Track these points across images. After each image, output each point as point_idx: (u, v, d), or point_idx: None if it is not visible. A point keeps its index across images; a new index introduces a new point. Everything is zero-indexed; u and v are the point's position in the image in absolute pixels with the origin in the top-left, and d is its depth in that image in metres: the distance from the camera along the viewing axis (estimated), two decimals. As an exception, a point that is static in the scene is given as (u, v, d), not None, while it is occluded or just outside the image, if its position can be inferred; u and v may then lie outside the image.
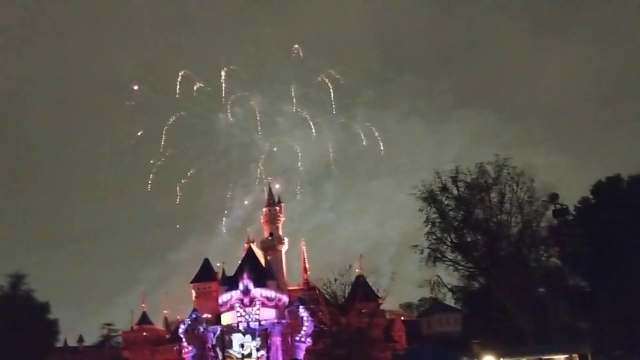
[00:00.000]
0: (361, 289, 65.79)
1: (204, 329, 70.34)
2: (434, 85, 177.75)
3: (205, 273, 79.62)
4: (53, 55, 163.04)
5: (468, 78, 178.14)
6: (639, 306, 39.54)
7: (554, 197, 38.29)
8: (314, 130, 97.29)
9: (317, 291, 66.24)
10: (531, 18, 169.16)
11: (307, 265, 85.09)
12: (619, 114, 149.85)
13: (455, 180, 42.54)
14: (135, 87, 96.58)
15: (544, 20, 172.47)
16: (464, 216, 42.60)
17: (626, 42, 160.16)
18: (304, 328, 68.74)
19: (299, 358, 67.95)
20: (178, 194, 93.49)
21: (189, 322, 71.84)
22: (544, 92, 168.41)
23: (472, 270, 44.75)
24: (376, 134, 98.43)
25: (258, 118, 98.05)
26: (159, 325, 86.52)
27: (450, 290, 49.28)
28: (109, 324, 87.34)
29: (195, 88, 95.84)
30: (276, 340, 69.05)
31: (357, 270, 71.61)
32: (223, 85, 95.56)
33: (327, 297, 62.92)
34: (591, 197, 51.36)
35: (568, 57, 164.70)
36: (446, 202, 43.09)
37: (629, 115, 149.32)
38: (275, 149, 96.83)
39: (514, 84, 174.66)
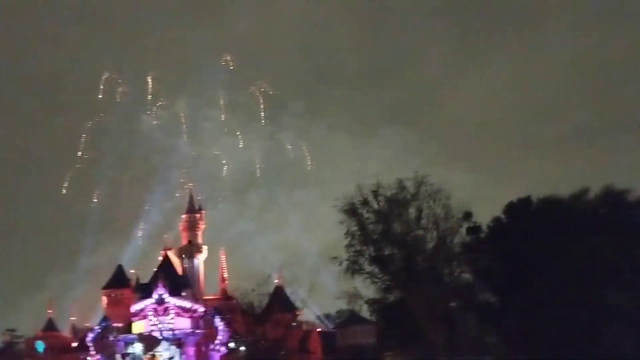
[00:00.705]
0: (279, 300, 65.60)
1: (114, 337, 67.81)
2: (361, 101, 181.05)
3: (118, 280, 76.94)
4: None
5: (394, 95, 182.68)
6: (542, 322, 41.55)
7: (468, 215, 39.78)
8: (241, 139, 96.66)
9: (235, 301, 65.47)
10: (455, 42, 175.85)
11: (225, 275, 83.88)
12: (531, 139, 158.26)
13: (376, 194, 43.36)
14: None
15: (467, 45, 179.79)
16: (383, 230, 43.45)
17: (540, 72, 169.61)
18: (219, 338, 67.65)
19: (212, 368, 66.81)
20: (94, 197, 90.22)
21: (99, 330, 69.11)
22: (464, 114, 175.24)
23: (388, 283, 45.60)
24: (303, 146, 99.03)
25: (183, 123, 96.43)
26: (67, 333, 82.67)
27: (367, 302, 49.98)
28: (11, 330, 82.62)
29: (119, 90, 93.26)
30: (189, 350, 67.53)
31: (276, 281, 71.38)
32: (149, 88, 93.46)
33: (244, 307, 62.30)
34: (503, 216, 53.68)
35: (487, 82, 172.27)
36: (367, 216, 43.85)
37: (540, 140, 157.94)
38: (199, 156, 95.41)
39: (436, 104, 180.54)
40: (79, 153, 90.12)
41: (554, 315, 40.77)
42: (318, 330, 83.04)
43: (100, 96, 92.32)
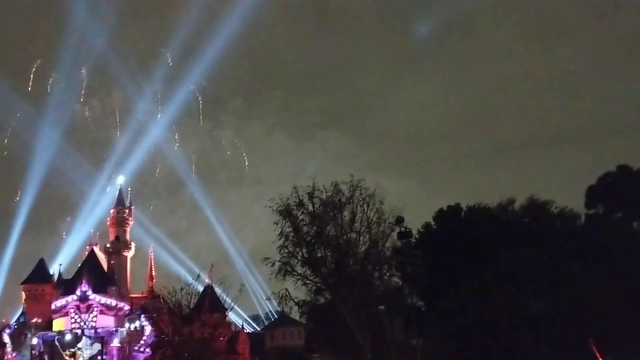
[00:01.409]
0: (208, 300, 64.65)
1: (32, 334, 64.98)
2: (301, 103, 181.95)
3: (39, 274, 73.64)
4: None
5: (333, 100, 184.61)
6: (465, 327, 42.87)
7: (399, 220, 40.43)
8: (176, 135, 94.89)
9: (162, 300, 64.01)
10: (394, 51, 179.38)
11: (153, 273, 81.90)
12: (461, 150, 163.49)
13: (311, 196, 43.40)
14: None
15: (405, 56, 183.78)
16: (317, 232, 43.53)
17: (472, 86, 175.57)
18: (144, 338, 65.97)
19: (136, 368, 65.09)
20: (18, 189, 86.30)
21: (16, 326, 66.05)
22: (400, 122, 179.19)
23: (319, 285, 45.76)
24: (240, 145, 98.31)
25: (117, 116, 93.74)
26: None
27: (297, 304, 49.96)
28: None
29: (50, 80, 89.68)
30: (113, 349, 65.56)
31: (206, 280, 70.35)
32: (83, 79, 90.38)
33: (171, 306, 60.98)
34: (433, 222, 55.13)
35: (422, 93, 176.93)
36: (301, 217, 43.80)
37: (469, 151, 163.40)
38: (132, 150, 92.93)
39: (373, 111, 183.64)
40: (5, 141, 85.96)
41: (477, 320, 42.18)
42: (246, 331, 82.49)
43: (30, 87, 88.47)
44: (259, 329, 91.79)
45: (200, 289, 65.98)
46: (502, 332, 41.74)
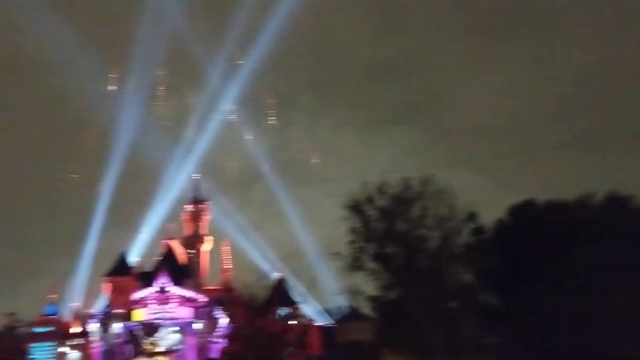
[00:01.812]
0: (280, 293, 65.78)
1: (115, 324, 68.24)
2: (370, 98, 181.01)
3: (121, 267, 77.02)
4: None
5: (402, 95, 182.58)
6: (542, 325, 41.60)
7: (472, 216, 39.81)
8: (249, 133, 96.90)
9: (236, 293, 65.68)
10: (466, 45, 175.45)
11: (227, 266, 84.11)
12: (536, 144, 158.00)
13: (381, 192, 43.36)
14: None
15: (475, 47, 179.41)
16: (386, 228, 43.47)
17: (547, 78, 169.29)
18: (219, 329, 67.96)
19: (212, 358, 67.05)
20: (99, 184, 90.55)
21: (100, 317, 69.47)
22: (471, 116, 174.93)
23: (389, 280, 45.65)
24: (310, 142, 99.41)
25: (193, 115, 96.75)
26: (69, 318, 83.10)
27: (367, 299, 50.02)
28: (11, 314, 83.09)
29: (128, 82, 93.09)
30: (190, 339, 67.87)
31: (277, 274, 71.56)
32: (159, 80, 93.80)
33: (245, 299, 62.49)
34: (507, 219, 53.64)
35: (495, 86, 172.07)
36: (370, 213, 43.83)
37: (544, 145, 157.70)
38: (207, 148, 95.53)
39: (444, 104, 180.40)
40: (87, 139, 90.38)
41: (554, 319, 40.84)
42: (317, 325, 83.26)
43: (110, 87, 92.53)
44: (330, 323, 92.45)
45: (273, 282, 67.23)
46: (582, 331, 40.29)
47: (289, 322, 64.24)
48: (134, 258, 78.13)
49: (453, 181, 43.05)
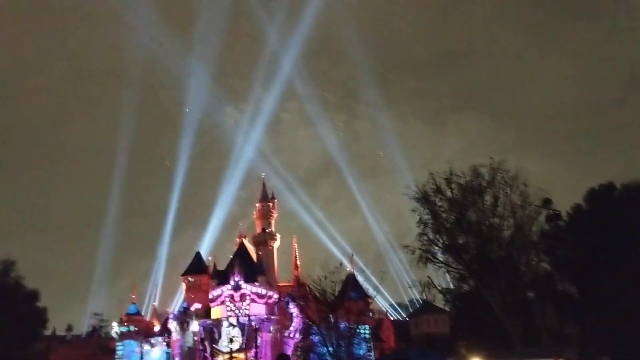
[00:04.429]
0: (351, 288, 65.86)
1: (193, 321, 70.22)
2: (434, 88, 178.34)
3: (197, 266, 79.39)
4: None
5: (466, 82, 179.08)
6: (626, 314, 39.78)
7: (547, 203, 38.54)
8: (315, 129, 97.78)
9: (307, 288, 66.21)
10: (527, 26, 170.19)
11: (297, 262, 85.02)
12: (612, 123, 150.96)
13: (449, 182, 42.64)
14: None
15: (540, 29, 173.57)
16: (457, 218, 42.71)
17: (620, 53, 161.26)
18: (293, 324, 68.79)
19: (287, 354, 67.96)
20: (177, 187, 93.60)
21: (178, 315, 71.70)
22: (540, 99, 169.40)
23: (462, 272, 44.88)
24: (375, 135, 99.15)
25: (261, 115, 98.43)
26: (148, 317, 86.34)
27: (440, 291, 49.41)
28: (97, 314, 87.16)
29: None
30: (265, 335, 69.03)
31: (347, 269, 71.73)
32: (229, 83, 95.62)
33: (317, 294, 62.92)
34: (584, 204, 51.50)
35: (563, 66, 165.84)
36: (439, 204, 43.19)
37: (622, 124, 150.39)
38: (275, 146, 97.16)
39: (510, 89, 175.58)
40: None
41: (636, 308, 38.99)
42: (391, 318, 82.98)
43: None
44: (403, 316, 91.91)
45: (343, 276, 67.44)
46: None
47: (362, 316, 64.22)
48: (209, 257, 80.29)
49: (524, 166, 41.77)
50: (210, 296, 72.97)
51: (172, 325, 71.48)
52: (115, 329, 76.94)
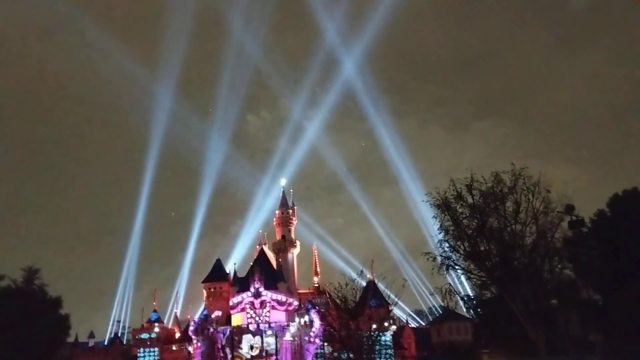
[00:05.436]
0: (371, 295, 65.69)
1: (214, 328, 70.55)
2: (455, 95, 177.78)
3: (217, 273, 79.95)
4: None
5: (487, 88, 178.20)
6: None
7: (570, 209, 38.03)
8: (336, 136, 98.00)
9: (327, 295, 66.19)
10: (549, 32, 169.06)
11: (317, 269, 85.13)
12: (636, 129, 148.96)
13: (470, 188, 42.30)
14: None
15: (562, 35, 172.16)
16: (478, 225, 42.32)
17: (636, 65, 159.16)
18: (313, 329, 68.75)
19: (307, 361, 67.95)
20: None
21: (199, 322, 72.10)
22: (562, 104, 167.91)
23: (484, 279, 44.47)
24: (396, 142, 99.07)
25: (284, 124, 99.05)
26: (169, 324, 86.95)
27: (462, 298, 48.98)
28: (118, 321, 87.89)
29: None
30: (285, 342, 69.10)
31: (368, 276, 71.55)
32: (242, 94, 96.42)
33: (337, 301, 62.81)
34: (607, 210, 50.85)
35: (585, 71, 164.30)
36: (460, 210, 42.85)
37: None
38: (292, 154, 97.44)
39: (531, 95, 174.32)
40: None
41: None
42: (411, 326, 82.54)
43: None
44: (423, 324, 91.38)
45: (363, 284, 67.25)
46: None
47: (382, 324, 63.97)
48: (230, 264, 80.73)
49: (546, 172, 41.30)
50: (230, 303, 73.32)
51: (193, 332, 71.85)
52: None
